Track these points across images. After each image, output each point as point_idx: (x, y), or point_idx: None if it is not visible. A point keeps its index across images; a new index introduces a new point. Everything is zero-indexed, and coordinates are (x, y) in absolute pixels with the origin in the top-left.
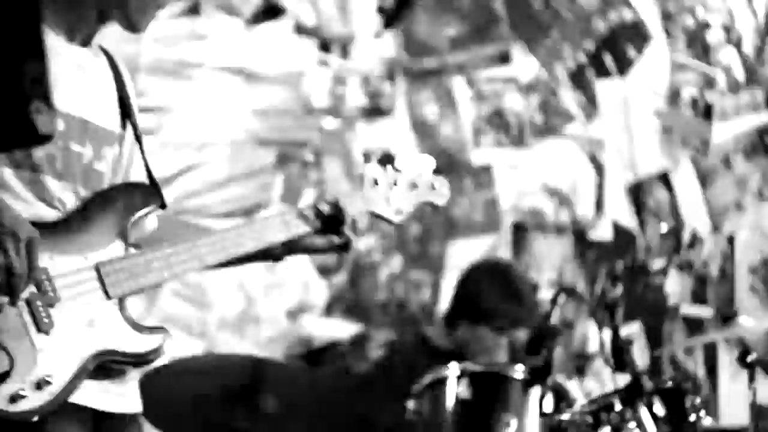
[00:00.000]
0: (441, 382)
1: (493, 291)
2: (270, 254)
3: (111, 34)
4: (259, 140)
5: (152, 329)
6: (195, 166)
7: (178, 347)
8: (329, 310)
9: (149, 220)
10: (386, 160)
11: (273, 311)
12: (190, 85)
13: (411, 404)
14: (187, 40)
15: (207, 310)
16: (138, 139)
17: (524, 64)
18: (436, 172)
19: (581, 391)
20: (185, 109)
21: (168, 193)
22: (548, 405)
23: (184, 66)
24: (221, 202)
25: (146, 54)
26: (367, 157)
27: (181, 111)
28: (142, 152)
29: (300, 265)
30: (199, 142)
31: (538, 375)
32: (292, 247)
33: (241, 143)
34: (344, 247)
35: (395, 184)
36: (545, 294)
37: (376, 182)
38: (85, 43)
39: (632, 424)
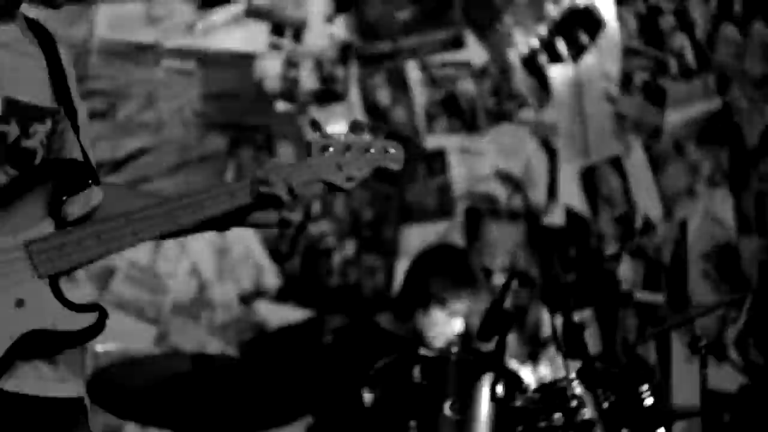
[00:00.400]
0: (394, 368)
1: (444, 275)
2: (213, 224)
3: (60, 16)
4: (212, 124)
5: (86, 306)
6: (147, 150)
7: (131, 332)
8: (282, 295)
9: (85, 197)
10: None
11: (226, 296)
12: (142, 68)
13: (365, 390)
14: (139, 23)
15: (160, 295)
16: (71, 116)
17: (477, 49)
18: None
19: (534, 376)
20: (137, 93)
21: (119, 177)
22: (501, 390)
23: (136, 49)
24: (173, 187)
25: (98, 37)
26: (315, 125)
27: (133, 94)
28: (75, 130)
29: (253, 250)
30: (151, 126)
31: (491, 360)
32: (234, 218)
33: (194, 127)
34: (284, 223)
35: (347, 150)
36: (498, 279)
37: (325, 149)
38: (7, 20)
39: (585, 409)
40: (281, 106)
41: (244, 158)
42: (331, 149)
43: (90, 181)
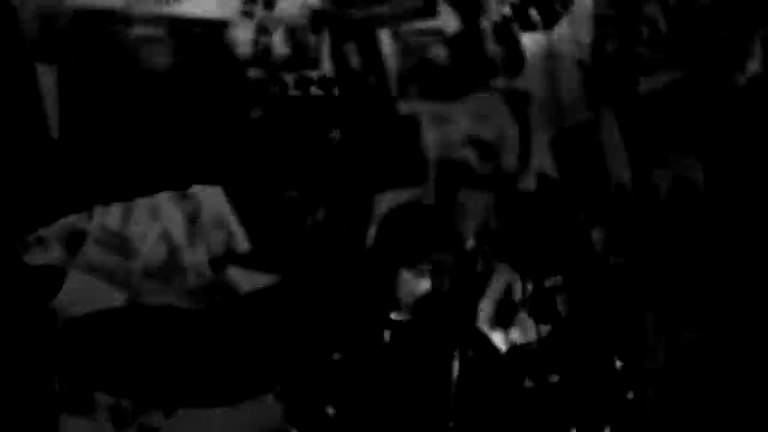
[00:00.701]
0: (364, 332)
1: (413, 235)
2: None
3: None
4: (182, 92)
5: None
6: None
7: (101, 297)
8: (253, 260)
9: None
10: None
11: (197, 261)
12: (112, 37)
13: (336, 355)
14: None
15: (130, 259)
16: None
17: (450, 17)
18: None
19: (506, 340)
20: (106, 61)
21: None
22: (471, 354)
23: (105, 16)
24: None
25: (67, 4)
26: None
27: (102, 63)
28: None
29: (224, 214)
30: None
31: (462, 324)
32: None
33: (165, 95)
34: None
35: None
36: (470, 244)
37: None
38: None
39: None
40: (253, 73)
41: None
42: None
43: None
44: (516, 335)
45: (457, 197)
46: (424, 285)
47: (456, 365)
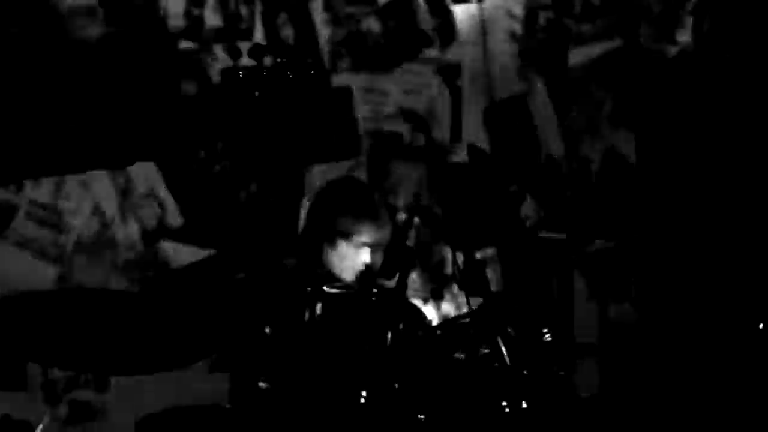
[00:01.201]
0: (298, 306)
1: (347, 208)
2: None
3: None
4: (113, 63)
5: None
6: None
7: (33, 272)
8: (186, 234)
9: None
10: None
11: (129, 235)
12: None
13: (268, 329)
14: None
15: (62, 234)
16: None
17: None
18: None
19: (437, 313)
20: (37, 32)
21: None
22: (402, 327)
23: None
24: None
25: None
26: None
27: (34, 33)
28: None
29: (156, 188)
30: None
31: (392, 297)
32: None
33: (95, 66)
34: None
35: None
36: (402, 217)
37: None
38: None
39: (485, 345)
40: (185, 44)
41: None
42: None
43: None
44: (448, 307)
45: (389, 170)
46: (362, 254)
47: (388, 338)
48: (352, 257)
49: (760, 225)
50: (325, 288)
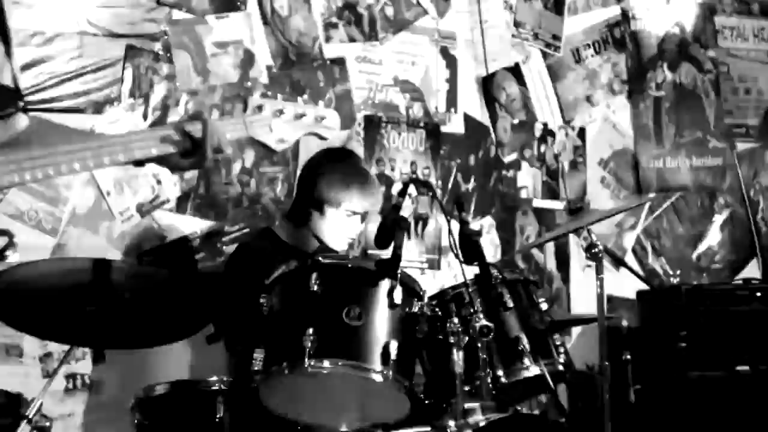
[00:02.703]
0: (291, 276)
1: (336, 176)
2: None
3: None
4: (109, 33)
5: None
6: (43, 59)
7: (29, 243)
8: (181, 205)
9: (9, 122)
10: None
11: (124, 206)
12: None
13: (263, 298)
14: None
15: (58, 206)
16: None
17: None
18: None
19: (435, 283)
20: (33, 1)
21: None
22: (398, 297)
23: None
24: (70, 96)
25: None
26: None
27: (29, 3)
28: (8, 54)
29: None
30: (47, 35)
31: (388, 267)
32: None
33: (90, 36)
34: (198, 164)
35: (281, 113)
36: (397, 188)
37: (259, 108)
38: None
39: (480, 316)
40: (178, 14)
41: (140, 67)
42: (265, 109)
43: (15, 107)
44: (445, 277)
45: (384, 140)
46: (353, 222)
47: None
48: (342, 226)
49: None
50: (320, 258)
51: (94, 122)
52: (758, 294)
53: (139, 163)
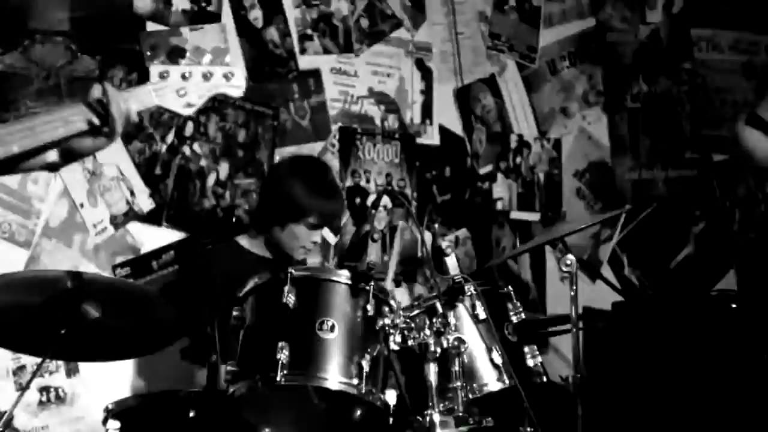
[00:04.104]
0: (264, 288)
1: (299, 187)
2: (47, 165)
3: None
4: (82, 46)
5: None
6: (14, 72)
7: (2, 256)
8: (155, 217)
9: None
10: (176, 53)
11: (98, 218)
12: None
13: (235, 311)
14: None
15: (31, 218)
16: None
17: None
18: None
19: (410, 295)
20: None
21: None
22: (371, 308)
23: None
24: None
25: None
26: (153, 54)
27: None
28: None
29: (125, 171)
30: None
31: (361, 279)
32: (66, 151)
33: (64, 49)
34: (108, 137)
35: (187, 77)
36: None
37: (164, 75)
38: None
39: (453, 326)
40: (153, 27)
41: (115, 80)
42: (171, 76)
43: None
44: (420, 289)
45: (359, 152)
46: (314, 234)
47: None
48: (302, 237)
49: None
50: (292, 270)
51: None
52: (733, 305)
53: (52, 167)
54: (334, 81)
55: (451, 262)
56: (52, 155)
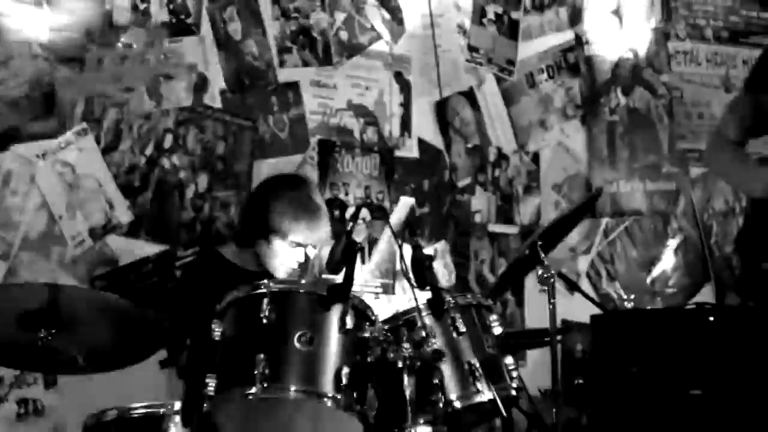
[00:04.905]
0: (242, 301)
1: (285, 207)
2: None
3: None
4: (60, 58)
5: None
6: None
7: None
8: (134, 229)
9: None
10: None
11: (77, 231)
12: None
13: (214, 323)
14: None
15: (9, 230)
16: None
17: None
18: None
19: (389, 308)
20: None
21: None
22: (350, 322)
23: None
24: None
25: None
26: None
27: None
28: None
29: (104, 184)
30: None
31: (339, 292)
32: None
33: (42, 60)
34: None
35: (124, 59)
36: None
37: (101, 61)
38: None
39: (432, 340)
40: (129, 37)
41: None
42: (106, 61)
43: None
44: (399, 302)
45: (338, 164)
46: (297, 252)
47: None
48: (286, 256)
49: None
50: (271, 283)
51: (46, 147)
52: (711, 318)
53: None
54: (313, 93)
55: (439, 269)
56: None
